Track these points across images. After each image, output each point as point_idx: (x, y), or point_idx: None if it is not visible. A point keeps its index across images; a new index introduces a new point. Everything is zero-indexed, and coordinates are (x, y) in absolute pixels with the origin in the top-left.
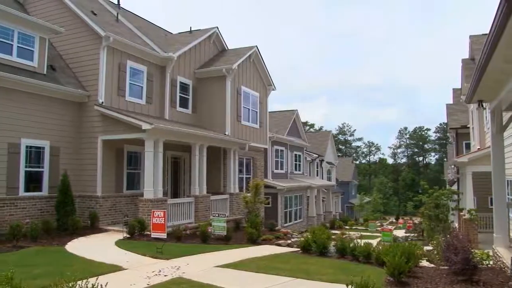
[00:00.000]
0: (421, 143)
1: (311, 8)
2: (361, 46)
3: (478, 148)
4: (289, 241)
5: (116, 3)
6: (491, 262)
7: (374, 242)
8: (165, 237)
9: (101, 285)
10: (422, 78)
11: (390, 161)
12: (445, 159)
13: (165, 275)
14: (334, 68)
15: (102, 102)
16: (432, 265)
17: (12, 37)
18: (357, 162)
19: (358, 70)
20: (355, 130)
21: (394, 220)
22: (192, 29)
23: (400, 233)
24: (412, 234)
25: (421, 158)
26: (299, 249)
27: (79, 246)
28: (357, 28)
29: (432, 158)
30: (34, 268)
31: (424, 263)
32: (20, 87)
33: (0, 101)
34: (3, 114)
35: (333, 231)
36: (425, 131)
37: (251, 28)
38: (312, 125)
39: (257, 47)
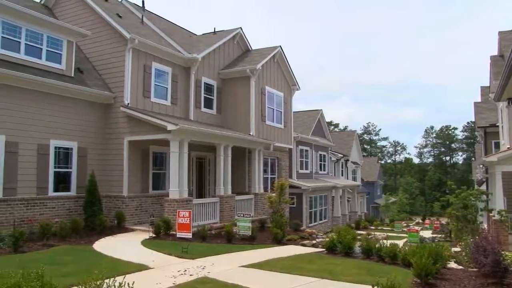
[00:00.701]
0: (448, 142)
1: (335, 7)
2: (386, 44)
3: (508, 147)
4: (314, 242)
5: (141, 5)
6: None
7: (400, 243)
8: (191, 237)
9: (128, 284)
10: (449, 76)
11: (416, 160)
12: (473, 159)
13: (190, 275)
14: (358, 67)
15: (128, 104)
16: (460, 267)
17: (41, 41)
18: (383, 162)
19: (383, 68)
20: (380, 129)
21: (420, 221)
22: (216, 30)
23: (427, 234)
24: (439, 235)
25: (448, 158)
26: (324, 249)
27: (106, 245)
28: (382, 26)
29: (459, 157)
30: (63, 266)
31: (452, 264)
32: (49, 90)
33: (30, 103)
34: (33, 116)
35: (359, 232)
36: (452, 130)
37: (275, 27)
38: (336, 125)
39: (281, 47)
